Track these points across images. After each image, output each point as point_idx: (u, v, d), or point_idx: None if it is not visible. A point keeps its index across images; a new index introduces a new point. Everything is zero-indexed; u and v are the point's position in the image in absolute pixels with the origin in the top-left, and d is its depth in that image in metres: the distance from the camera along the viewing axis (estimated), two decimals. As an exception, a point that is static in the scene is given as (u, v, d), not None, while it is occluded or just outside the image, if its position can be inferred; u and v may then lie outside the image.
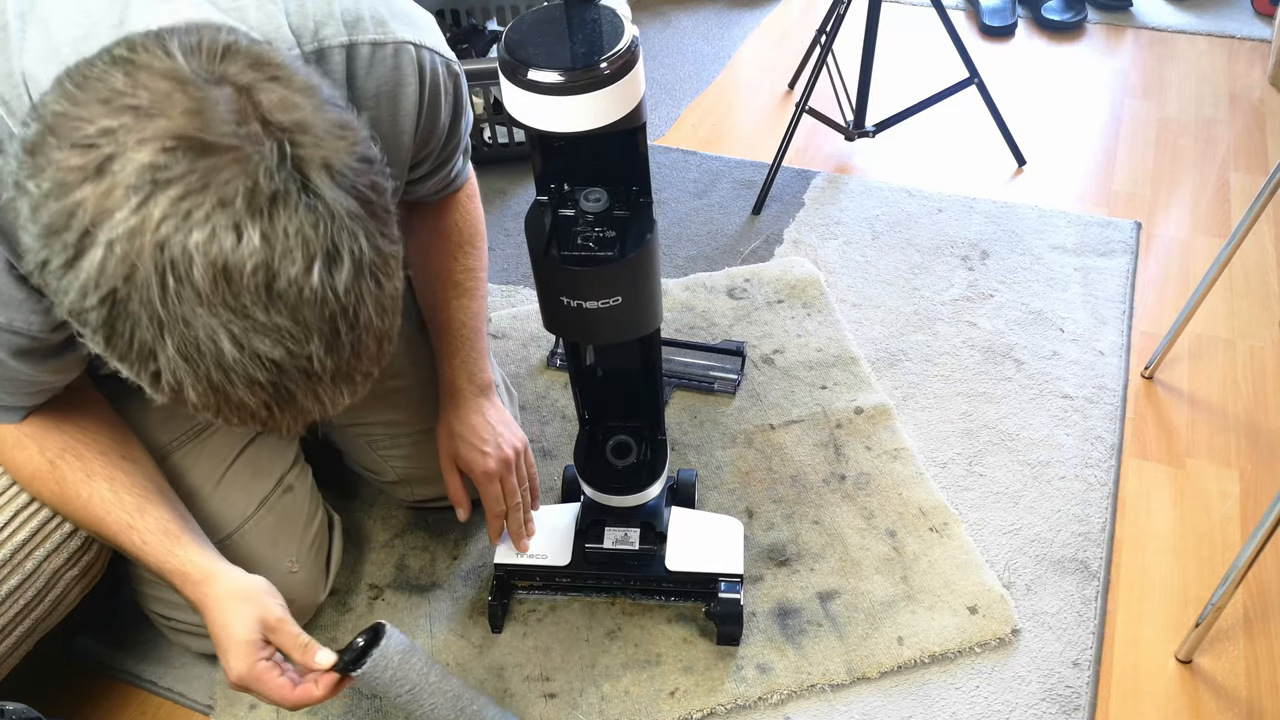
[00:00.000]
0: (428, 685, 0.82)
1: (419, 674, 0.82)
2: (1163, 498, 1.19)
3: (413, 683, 0.81)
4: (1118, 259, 1.52)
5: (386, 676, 0.80)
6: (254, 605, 0.79)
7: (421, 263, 1.00)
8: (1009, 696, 1.00)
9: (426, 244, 1.00)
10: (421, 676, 0.82)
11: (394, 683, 0.81)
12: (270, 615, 0.79)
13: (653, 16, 2.29)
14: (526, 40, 0.71)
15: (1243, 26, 2.12)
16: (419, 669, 0.82)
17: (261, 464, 0.99)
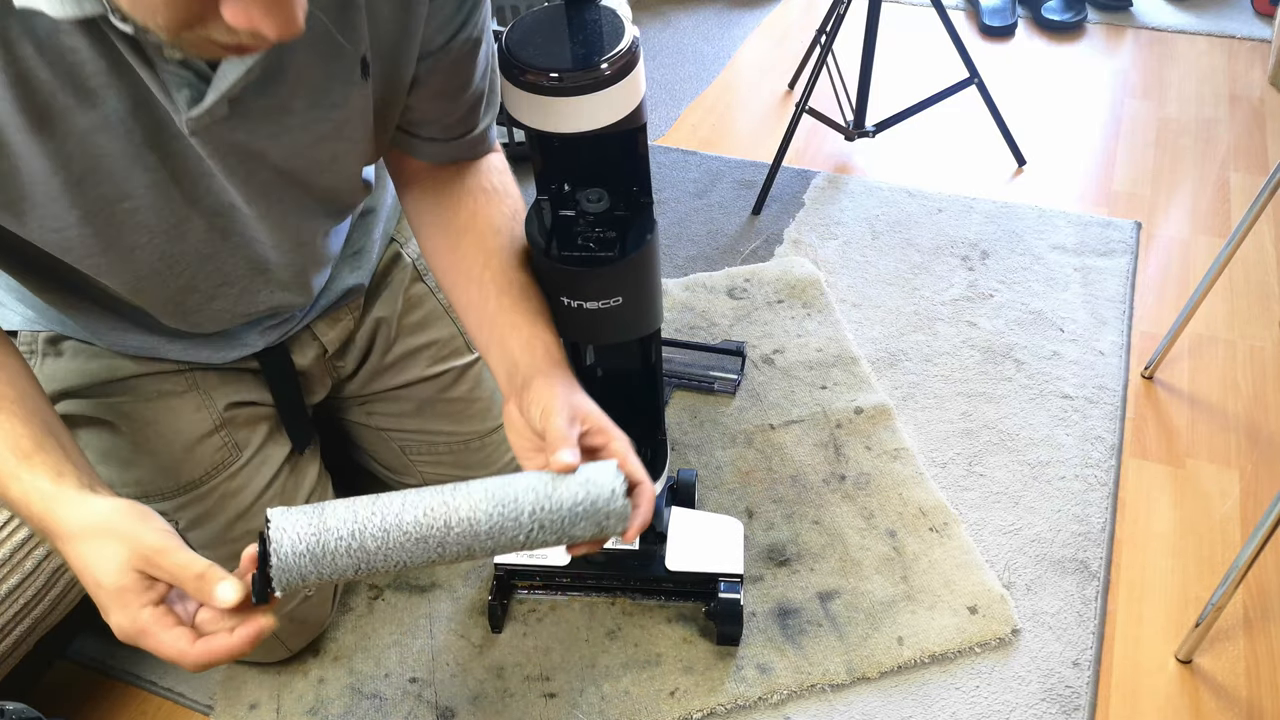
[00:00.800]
0: (373, 551, 0.63)
1: (353, 548, 0.63)
2: (1163, 498, 1.20)
3: (352, 559, 0.63)
4: (1118, 259, 1.52)
5: (313, 575, 0.62)
6: (119, 539, 0.62)
7: (473, 227, 0.83)
8: (1009, 696, 1.00)
9: (477, 206, 0.84)
10: (357, 547, 0.63)
11: (332, 571, 0.62)
12: (144, 545, 0.62)
13: (653, 17, 2.29)
14: (527, 40, 0.71)
15: (1243, 26, 2.12)
16: (347, 542, 0.62)
17: (289, 492, 0.98)
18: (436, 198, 0.85)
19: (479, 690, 1.01)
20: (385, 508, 0.64)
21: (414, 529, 0.63)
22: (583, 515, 0.66)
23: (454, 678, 1.02)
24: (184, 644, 0.61)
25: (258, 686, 1.02)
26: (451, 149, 0.84)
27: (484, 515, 0.65)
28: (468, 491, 0.66)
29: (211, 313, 0.83)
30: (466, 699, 1.01)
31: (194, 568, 0.61)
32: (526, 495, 0.66)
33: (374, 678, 1.03)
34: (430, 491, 0.65)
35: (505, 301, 0.78)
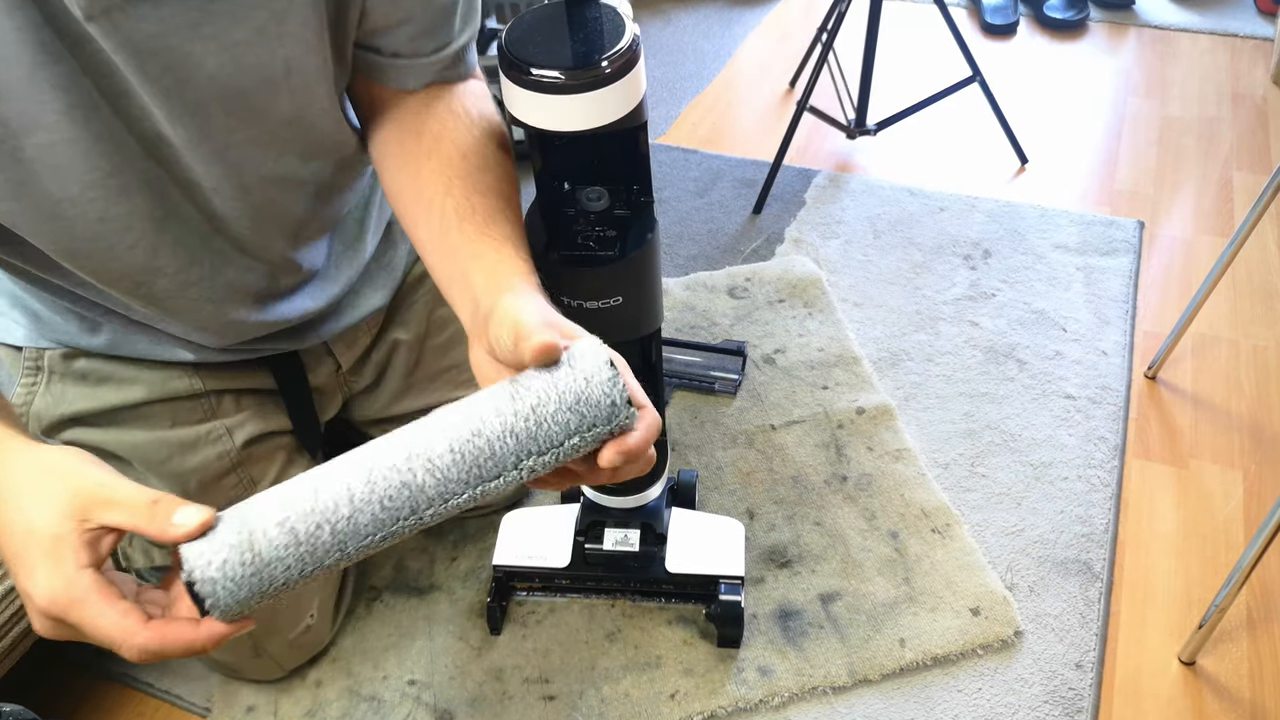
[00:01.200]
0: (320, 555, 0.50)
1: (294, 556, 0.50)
2: (1166, 498, 1.19)
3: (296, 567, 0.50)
4: (1120, 258, 1.52)
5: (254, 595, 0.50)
6: (57, 478, 0.51)
7: (437, 152, 0.71)
8: (1011, 699, 0.99)
9: (443, 129, 0.71)
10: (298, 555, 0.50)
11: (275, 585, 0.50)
12: (85, 483, 0.51)
13: (653, 14, 2.28)
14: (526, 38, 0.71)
15: (1246, 25, 2.11)
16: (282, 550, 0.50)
17: None
18: (400, 128, 0.73)
19: (478, 693, 1.01)
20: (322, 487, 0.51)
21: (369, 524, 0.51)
22: (573, 406, 0.52)
23: (452, 680, 1.02)
24: (132, 622, 0.49)
25: (255, 689, 1.02)
26: (422, 70, 0.72)
27: (456, 472, 0.52)
28: (423, 432, 0.53)
29: (189, 303, 0.74)
30: (465, 701, 1.00)
31: (145, 495, 0.51)
32: (494, 412, 0.53)
33: (372, 680, 1.02)
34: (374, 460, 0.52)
35: (468, 229, 0.65)
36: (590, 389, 0.53)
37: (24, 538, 0.50)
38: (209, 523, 0.50)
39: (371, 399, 1.04)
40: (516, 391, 0.53)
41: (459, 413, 0.53)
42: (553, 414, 0.52)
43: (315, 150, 0.73)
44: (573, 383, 0.53)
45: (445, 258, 0.66)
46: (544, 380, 0.53)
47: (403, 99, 0.74)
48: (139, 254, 0.67)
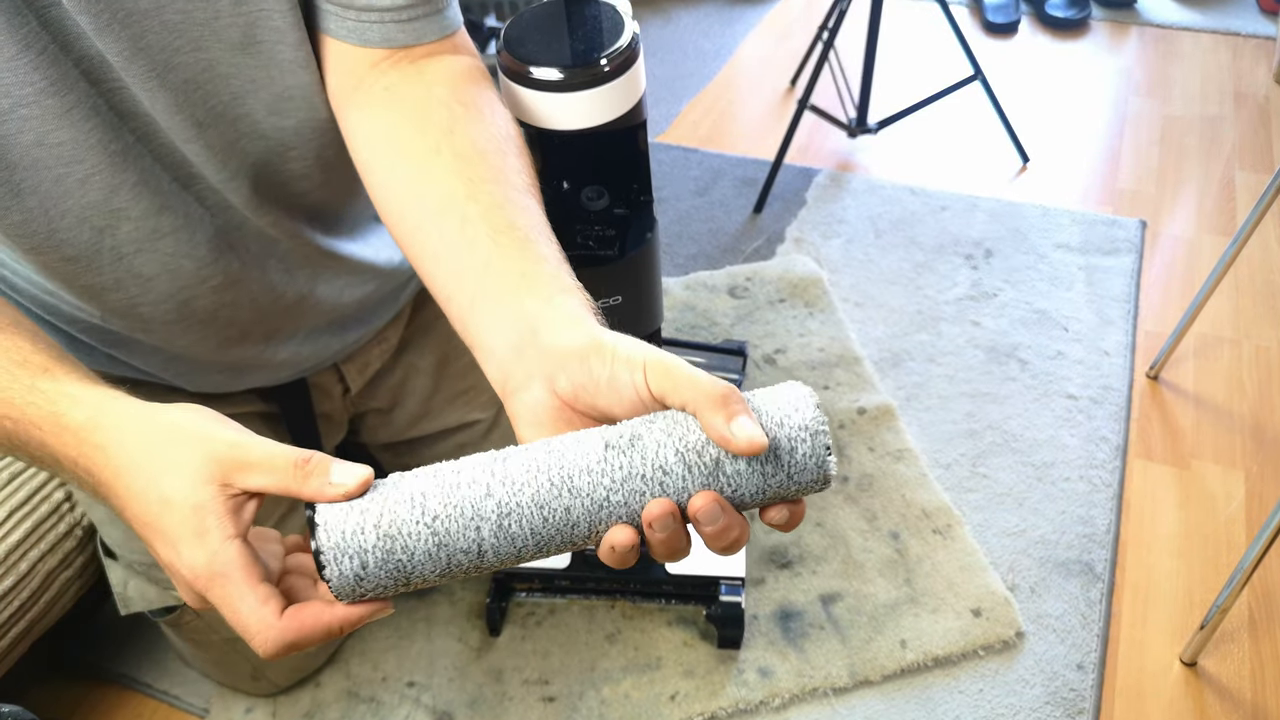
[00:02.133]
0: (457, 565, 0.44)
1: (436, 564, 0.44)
2: (1168, 499, 1.18)
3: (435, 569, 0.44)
4: (1122, 258, 1.51)
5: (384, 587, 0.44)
6: (187, 442, 0.45)
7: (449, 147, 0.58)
8: (1013, 700, 0.99)
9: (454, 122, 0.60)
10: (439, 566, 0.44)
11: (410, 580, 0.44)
12: (221, 442, 0.45)
13: (653, 13, 2.28)
14: (526, 37, 0.70)
15: (1248, 24, 2.11)
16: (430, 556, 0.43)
17: None
18: (390, 108, 0.61)
19: (477, 694, 1.00)
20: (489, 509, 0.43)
21: (520, 543, 0.44)
22: (778, 466, 0.44)
23: (452, 681, 1.01)
24: (270, 611, 0.44)
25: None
26: (388, 21, 0.61)
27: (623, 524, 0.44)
28: (604, 480, 0.43)
29: (165, 259, 0.66)
30: (464, 703, 1.00)
31: (290, 454, 0.44)
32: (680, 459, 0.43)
33: (371, 681, 1.02)
34: (549, 476, 0.43)
35: (507, 245, 0.53)
36: (805, 469, 0.44)
37: (159, 509, 0.44)
38: (369, 482, 0.44)
39: (385, 422, 0.99)
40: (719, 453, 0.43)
41: (646, 457, 0.43)
42: (755, 489, 0.44)
43: (284, 100, 0.64)
44: (789, 456, 0.44)
45: (470, 273, 0.54)
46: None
47: (387, 75, 0.62)
48: (94, 190, 0.59)
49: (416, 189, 0.58)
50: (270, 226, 0.71)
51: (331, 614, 0.44)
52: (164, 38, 0.57)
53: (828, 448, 0.44)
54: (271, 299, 0.75)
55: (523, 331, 0.49)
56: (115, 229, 0.62)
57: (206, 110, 0.61)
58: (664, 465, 0.43)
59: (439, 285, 0.56)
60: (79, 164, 0.58)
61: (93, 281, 0.64)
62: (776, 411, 0.44)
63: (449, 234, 0.55)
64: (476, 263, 0.53)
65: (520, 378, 0.49)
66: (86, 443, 0.46)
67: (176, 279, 0.67)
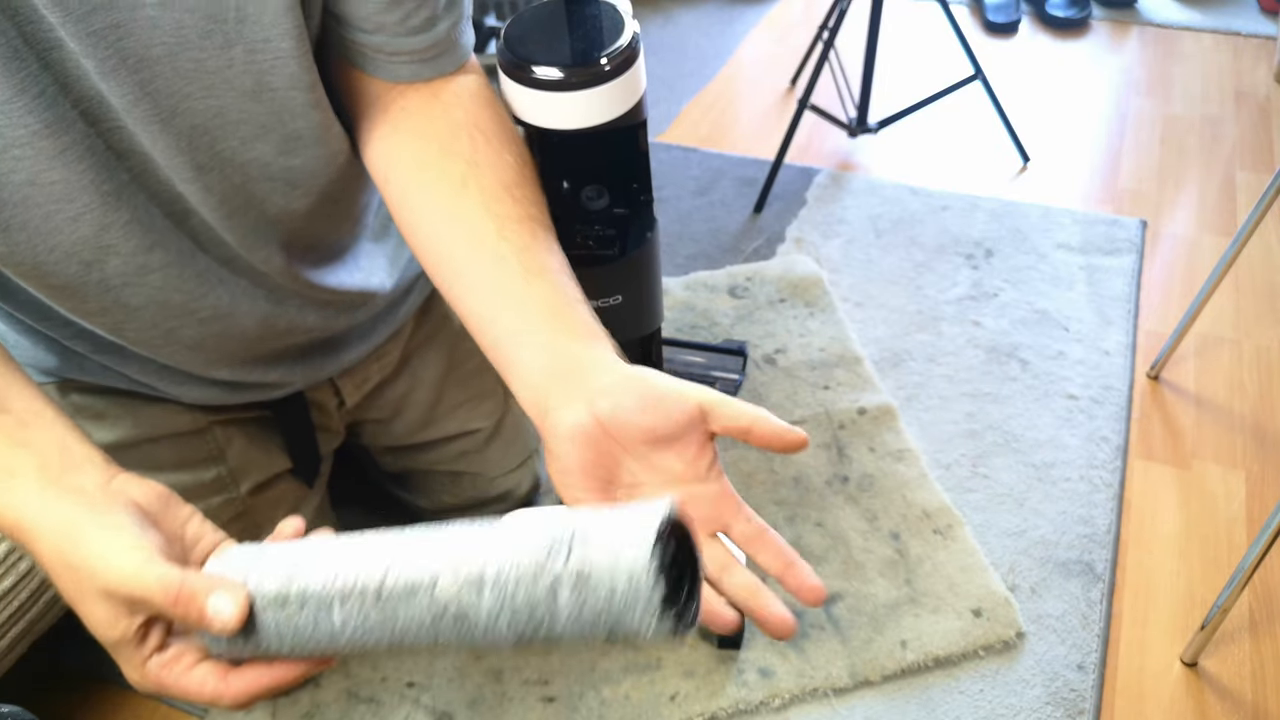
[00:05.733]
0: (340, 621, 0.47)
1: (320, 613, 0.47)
2: (1168, 499, 1.18)
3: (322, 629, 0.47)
4: (1123, 258, 1.51)
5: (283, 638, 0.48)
6: (87, 577, 0.49)
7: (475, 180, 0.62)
8: (1013, 700, 0.99)
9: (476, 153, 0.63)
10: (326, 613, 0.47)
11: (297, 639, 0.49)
12: (107, 581, 0.48)
13: (653, 12, 2.28)
14: (526, 36, 0.70)
15: (1249, 23, 2.11)
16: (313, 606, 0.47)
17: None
18: (414, 136, 0.64)
19: (477, 694, 1.00)
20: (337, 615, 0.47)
21: (376, 639, 0.47)
22: (605, 622, 0.43)
23: (451, 682, 1.01)
24: (214, 681, 0.50)
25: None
26: (411, 58, 0.63)
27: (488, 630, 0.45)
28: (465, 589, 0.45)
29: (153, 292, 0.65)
30: (464, 703, 1.00)
31: (167, 584, 0.47)
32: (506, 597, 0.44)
33: (370, 682, 1.02)
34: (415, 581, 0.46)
35: (539, 286, 0.58)
36: (627, 610, 0.43)
37: (98, 629, 0.51)
38: (244, 615, 0.47)
39: (384, 430, 1.00)
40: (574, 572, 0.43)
41: (507, 557, 0.45)
42: (581, 624, 0.44)
43: (293, 140, 0.64)
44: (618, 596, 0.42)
45: (507, 311, 0.58)
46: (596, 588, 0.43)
47: (404, 96, 0.65)
48: (84, 227, 0.59)
49: (448, 225, 0.61)
50: (263, 263, 0.70)
51: (271, 671, 0.51)
52: (174, 83, 0.56)
53: (660, 596, 0.42)
54: (261, 329, 0.74)
55: (565, 362, 0.54)
56: (104, 263, 0.61)
57: (212, 155, 0.61)
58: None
59: (473, 316, 0.60)
60: (70, 203, 0.57)
61: (78, 307, 0.64)
62: (610, 543, 0.43)
63: (483, 271, 0.59)
64: (512, 301, 0.57)
65: (560, 398, 0.52)
66: (29, 548, 0.51)
67: (164, 310, 0.67)
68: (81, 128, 0.55)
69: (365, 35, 0.62)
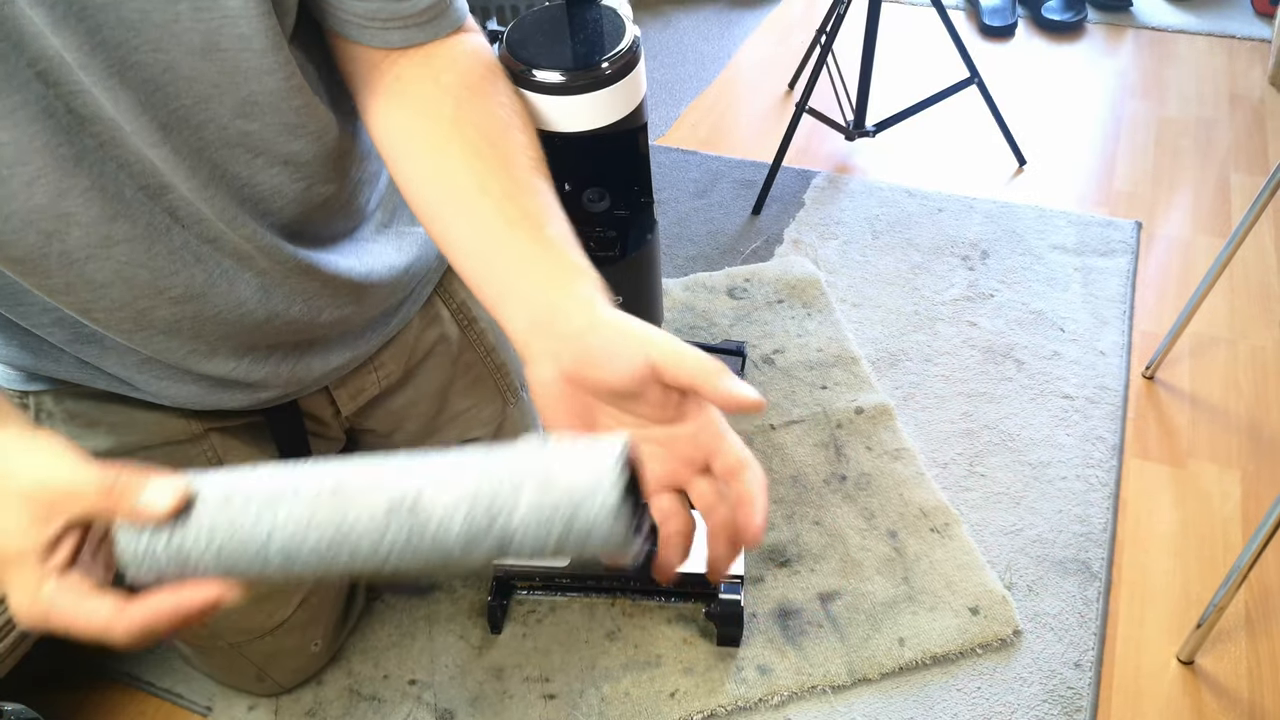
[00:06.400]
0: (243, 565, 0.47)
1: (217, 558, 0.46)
2: (1164, 498, 1.19)
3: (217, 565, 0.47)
4: (1118, 259, 1.52)
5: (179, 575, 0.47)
6: (13, 485, 0.48)
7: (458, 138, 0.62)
8: (1010, 698, 0.99)
9: (459, 111, 0.63)
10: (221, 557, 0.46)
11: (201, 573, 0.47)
12: (34, 484, 0.48)
13: (653, 16, 2.29)
14: (527, 40, 0.71)
15: (1243, 26, 2.12)
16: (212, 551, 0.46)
17: None
18: (403, 102, 0.63)
19: (478, 692, 1.01)
20: (281, 516, 0.46)
21: (311, 551, 0.46)
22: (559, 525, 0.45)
23: (453, 679, 1.02)
24: (105, 613, 0.46)
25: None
26: (404, 22, 0.63)
27: (400, 556, 0.46)
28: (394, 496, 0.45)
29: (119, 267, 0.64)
30: (466, 700, 1.00)
31: (99, 478, 0.46)
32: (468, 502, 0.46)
33: (372, 679, 1.02)
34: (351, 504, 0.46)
35: (520, 236, 0.58)
36: (588, 508, 0.44)
37: (1, 539, 0.48)
38: (185, 501, 0.46)
39: (385, 441, 0.99)
40: (505, 477, 0.45)
41: (439, 499, 0.45)
42: (533, 518, 0.45)
43: (249, 104, 0.62)
44: (572, 489, 0.44)
45: (494, 264, 0.59)
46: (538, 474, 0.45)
47: (397, 63, 0.64)
48: (40, 193, 0.57)
49: (434, 186, 0.61)
50: (246, 240, 0.68)
51: (175, 597, 0.47)
52: (121, 34, 0.55)
53: (626, 507, 0.44)
54: (238, 315, 0.71)
55: (538, 314, 0.55)
56: (64, 234, 0.60)
57: (169, 113, 0.59)
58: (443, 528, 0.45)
59: (469, 275, 0.61)
60: (24, 166, 0.55)
61: (42, 284, 0.63)
62: (574, 454, 0.46)
63: (469, 229, 0.60)
64: (497, 255, 0.58)
65: (534, 353, 0.54)
66: None
67: (131, 288, 0.65)
68: (37, 88, 0.54)
69: (357, 2, 0.61)
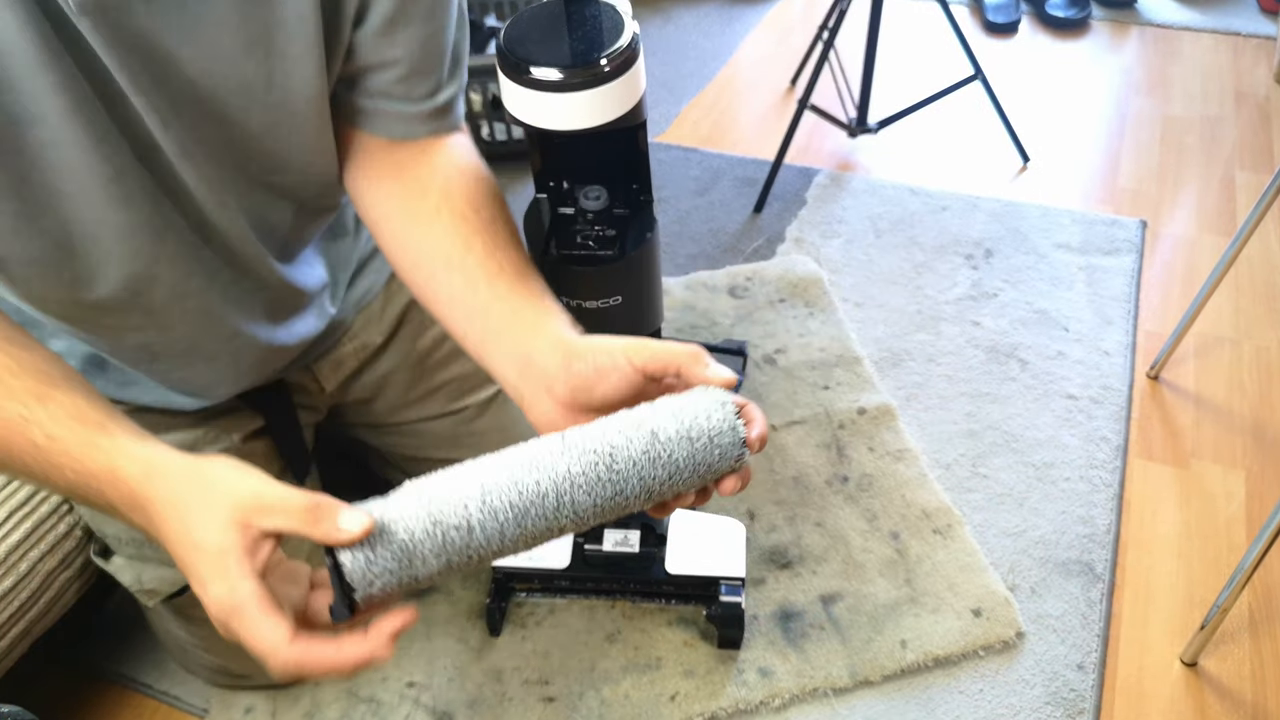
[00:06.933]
0: (460, 549, 0.54)
1: (439, 548, 0.53)
2: (1168, 499, 1.18)
3: (438, 560, 0.53)
4: (1123, 258, 1.51)
5: (396, 581, 0.53)
6: (220, 488, 0.52)
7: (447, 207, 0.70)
8: (1013, 700, 0.99)
9: (450, 185, 0.71)
10: (443, 547, 0.53)
11: (416, 574, 0.54)
12: (242, 490, 0.52)
13: (653, 12, 2.28)
14: (526, 36, 0.70)
15: (1248, 23, 2.11)
16: (432, 541, 0.53)
17: None
18: (398, 181, 0.71)
19: (477, 694, 1.00)
20: (476, 525, 0.53)
21: (509, 542, 0.54)
22: (706, 446, 0.55)
23: (451, 682, 1.02)
24: (280, 636, 0.50)
25: (253, 690, 1.01)
26: (414, 120, 0.71)
27: (590, 493, 0.55)
28: (562, 470, 0.54)
29: (184, 314, 0.73)
30: (464, 703, 1.00)
31: (303, 498, 0.51)
32: (627, 462, 0.55)
33: (370, 681, 1.02)
34: (517, 477, 0.54)
35: (500, 287, 0.66)
36: (722, 433, 0.55)
37: (192, 552, 0.52)
38: (372, 529, 0.51)
39: (365, 410, 1.02)
40: (651, 433, 0.55)
41: (596, 438, 0.55)
42: (688, 455, 0.55)
43: (293, 170, 0.71)
44: (705, 423, 0.55)
45: (475, 316, 0.66)
46: (675, 418, 0.55)
47: (395, 151, 0.72)
48: (138, 263, 0.66)
49: (425, 246, 0.69)
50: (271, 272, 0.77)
51: (335, 652, 0.51)
52: (207, 129, 0.64)
53: (735, 426, 0.55)
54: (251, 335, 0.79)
55: (521, 359, 0.62)
56: (150, 290, 0.69)
57: (238, 186, 0.69)
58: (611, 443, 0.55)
59: (454, 326, 0.69)
60: (127, 242, 0.64)
61: (120, 323, 0.71)
62: (689, 404, 0.56)
63: (455, 284, 0.67)
64: (479, 307, 0.66)
65: (528, 397, 0.62)
66: (138, 495, 0.54)
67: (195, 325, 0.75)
68: (138, 172, 0.63)
69: (377, 101, 0.70)
